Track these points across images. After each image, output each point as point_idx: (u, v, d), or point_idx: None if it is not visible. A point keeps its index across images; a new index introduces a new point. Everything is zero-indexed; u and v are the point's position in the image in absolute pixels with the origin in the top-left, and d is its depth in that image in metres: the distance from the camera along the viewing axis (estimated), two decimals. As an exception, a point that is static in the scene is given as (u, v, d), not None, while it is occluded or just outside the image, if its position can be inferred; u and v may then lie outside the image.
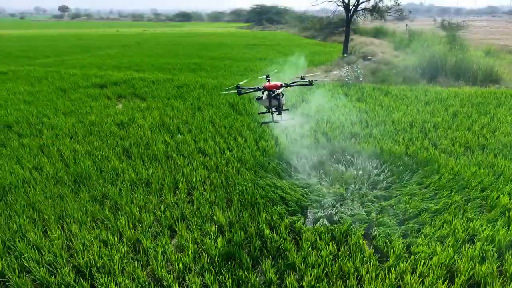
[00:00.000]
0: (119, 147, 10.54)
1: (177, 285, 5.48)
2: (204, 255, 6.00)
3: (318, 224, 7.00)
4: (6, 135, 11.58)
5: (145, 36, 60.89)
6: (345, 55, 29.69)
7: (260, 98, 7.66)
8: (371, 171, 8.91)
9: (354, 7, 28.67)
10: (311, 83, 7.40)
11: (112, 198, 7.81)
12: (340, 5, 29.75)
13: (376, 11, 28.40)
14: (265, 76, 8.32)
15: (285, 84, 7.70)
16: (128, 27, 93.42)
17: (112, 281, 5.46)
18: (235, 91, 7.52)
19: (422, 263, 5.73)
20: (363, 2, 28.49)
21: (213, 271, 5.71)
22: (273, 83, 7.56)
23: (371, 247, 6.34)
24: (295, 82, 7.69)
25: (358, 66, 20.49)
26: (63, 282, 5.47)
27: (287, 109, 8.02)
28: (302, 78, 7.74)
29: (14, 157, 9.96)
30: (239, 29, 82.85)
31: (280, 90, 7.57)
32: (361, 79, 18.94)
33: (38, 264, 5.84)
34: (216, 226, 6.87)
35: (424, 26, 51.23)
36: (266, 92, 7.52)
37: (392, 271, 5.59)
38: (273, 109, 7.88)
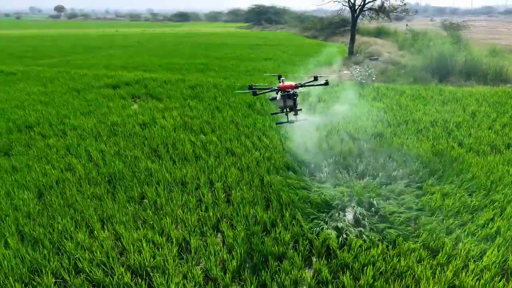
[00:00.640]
0: (147, 147, 10.53)
1: (235, 285, 5.50)
2: (256, 254, 6.02)
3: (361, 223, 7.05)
4: (29, 135, 11.52)
5: (145, 36, 60.72)
6: (351, 55, 29.80)
7: (274, 99, 7.66)
8: (401, 169, 8.98)
9: (360, 7, 28.81)
10: (327, 83, 7.39)
11: (151, 198, 7.81)
12: (345, 5, 29.89)
13: (382, 11, 28.54)
14: (276, 74, 8.31)
15: (299, 84, 7.71)
16: (126, 27, 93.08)
17: (169, 281, 5.47)
18: (249, 91, 7.52)
19: (473, 262, 5.79)
20: (369, 2, 28.64)
21: (267, 270, 5.74)
22: (287, 83, 7.58)
23: (419, 244, 6.38)
24: (309, 82, 7.65)
25: (369, 66, 20.56)
26: (121, 283, 5.47)
27: (300, 109, 7.99)
28: (315, 78, 7.70)
29: (42, 157, 9.92)
30: (238, 29, 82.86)
31: (295, 90, 7.57)
32: (373, 78, 19.02)
33: (91, 265, 5.84)
34: (261, 226, 6.89)
35: (422, 26, 51.61)
36: (280, 93, 7.51)
37: (446, 269, 5.65)
38: (287, 109, 7.87)
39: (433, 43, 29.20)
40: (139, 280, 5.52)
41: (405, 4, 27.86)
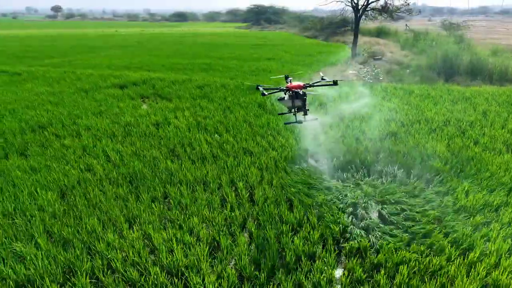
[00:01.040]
0: (164, 147, 10.52)
1: (271, 284, 5.52)
2: (289, 253, 6.04)
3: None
4: (43, 136, 11.48)
5: (145, 36, 60.56)
6: (354, 55, 29.87)
7: (282, 99, 7.63)
8: (419, 168, 9.04)
9: (363, 7, 28.88)
10: (335, 83, 7.33)
11: (175, 198, 7.81)
12: (348, 5, 29.96)
13: (385, 11, 28.62)
14: (283, 76, 8.24)
15: (308, 84, 7.68)
16: (125, 27, 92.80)
17: (204, 280, 5.48)
18: (256, 90, 7.48)
19: (505, 259, 5.84)
20: (372, 2, 28.72)
21: (301, 269, 5.76)
22: (295, 83, 7.52)
23: (447, 243, 6.41)
24: (317, 82, 7.60)
25: (375, 66, 20.64)
26: (157, 282, 5.47)
27: (308, 109, 7.97)
28: (323, 78, 7.67)
29: (60, 158, 9.89)
30: (237, 29, 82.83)
31: (304, 91, 7.53)
32: (381, 78, 19.09)
33: (124, 265, 5.84)
34: (289, 226, 6.91)
35: (421, 26, 51.75)
36: (288, 93, 7.46)
37: (478, 267, 5.69)
38: (296, 109, 7.77)
39: (436, 43, 29.37)
40: (175, 279, 5.51)
41: (408, 4, 27.94)
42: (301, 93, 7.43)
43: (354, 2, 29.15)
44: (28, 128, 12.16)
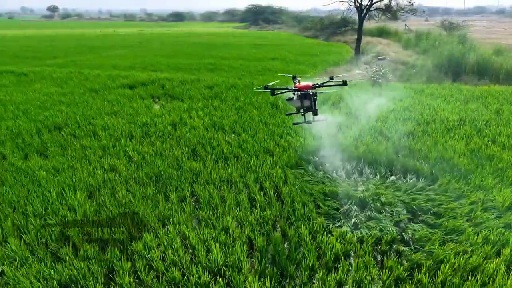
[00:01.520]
0: (184, 147, 10.52)
1: (313, 283, 5.55)
2: (328, 252, 6.07)
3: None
4: (61, 136, 11.44)
5: (145, 36, 60.41)
6: (358, 55, 30.00)
7: (291, 99, 7.57)
8: (442, 166, 9.11)
9: (367, 7, 29.00)
10: (345, 83, 7.29)
11: (204, 198, 7.82)
12: (352, 5, 30.07)
13: (389, 11, 28.76)
14: (290, 75, 8.21)
15: (317, 84, 7.66)
16: (123, 27, 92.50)
17: (250, 279, 5.51)
18: (265, 90, 7.46)
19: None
20: (376, 2, 28.85)
21: (341, 268, 5.80)
22: (304, 83, 7.49)
23: (480, 239, 6.47)
24: (326, 82, 7.55)
25: (382, 66, 20.72)
26: (200, 282, 5.48)
27: (317, 109, 7.90)
28: (331, 78, 7.60)
29: (81, 158, 9.87)
30: (236, 29, 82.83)
31: (314, 91, 7.50)
32: (389, 78, 19.17)
33: (164, 264, 5.84)
34: (319, 225, 6.93)
35: (419, 26, 52.03)
36: (297, 93, 7.40)
37: (516, 264, 5.76)
38: (305, 110, 7.66)
39: (439, 43, 29.54)
40: (218, 279, 5.53)
41: (412, 4, 28.10)
42: (311, 93, 7.39)
43: (357, 2, 29.29)
44: (44, 128, 12.11)
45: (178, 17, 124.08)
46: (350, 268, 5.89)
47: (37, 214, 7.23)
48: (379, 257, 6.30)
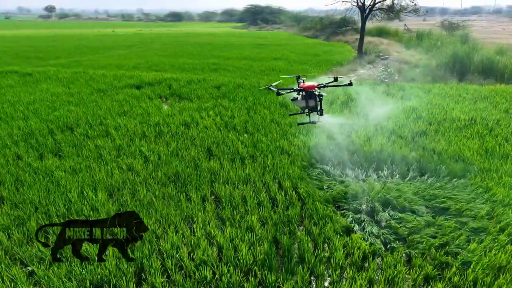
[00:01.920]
0: (199, 147, 10.52)
1: (344, 283, 5.58)
2: (356, 251, 6.10)
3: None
4: (74, 136, 11.41)
5: (144, 36, 60.28)
6: (360, 55, 30.08)
7: (295, 99, 7.56)
8: (458, 165, 9.16)
9: (370, 7, 29.08)
10: (350, 83, 7.34)
11: (225, 197, 7.83)
12: (354, 5, 30.16)
13: (391, 11, 28.85)
14: (295, 76, 8.23)
15: (322, 84, 7.63)
16: (121, 27, 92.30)
17: (282, 277, 5.53)
18: (272, 90, 7.46)
19: None
20: (379, 2, 28.93)
21: (371, 266, 5.83)
22: (308, 83, 7.50)
23: (504, 236, 6.51)
24: (331, 82, 7.52)
25: (388, 65, 20.80)
26: (232, 281, 5.50)
27: (323, 109, 7.76)
28: (336, 79, 7.52)
29: (97, 158, 9.85)
30: (235, 29, 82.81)
31: (319, 91, 7.45)
32: (396, 78, 19.24)
33: (193, 264, 5.85)
34: (339, 225, 6.97)
35: (416, 26, 52.17)
36: (302, 93, 7.40)
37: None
38: (309, 110, 7.67)
39: (441, 43, 29.67)
40: (250, 278, 5.54)
41: (415, 4, 28.21)
42: (316, 93, 7.39)
43: (360, 2, 29.37)
44: (56, 128, 12.08)
45: (176, 17, 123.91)
46: (379, 267, 5.91)
47: (60, 214, 7.22)
48: (404, 255, 6.33)
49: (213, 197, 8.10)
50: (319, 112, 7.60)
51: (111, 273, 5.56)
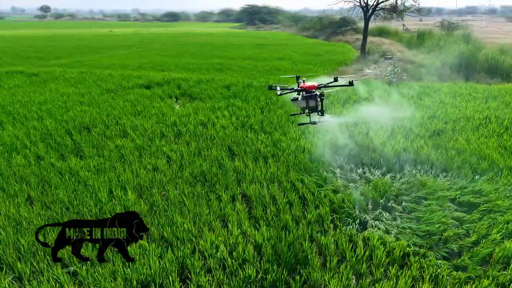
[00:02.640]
0: (220, 146, 10.53)
1: (386, 281, 5.63)
2: (397, 249, 6.14)
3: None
4: (93, 137, 11.35)
5: (143, 36, 60.02)
6: (363, 54, 30.20)
7: (296, 99, 7.51)
8: (482, 163, 9.25)
9: (373, 7, 29.21)
10: (351, 83, 7.25)
11: (255, 197, 7.84)
12: (357, 5, 30.27)
13: (394, 11, 29.00)
14: (294, 76, 8.23)
15: (322, 84, 7.59)
16: (119, 27, 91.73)
17: (327, 276, 5.55)
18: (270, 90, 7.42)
19: None
20: (382, 2, 29.07)
21: (413, 265, 5.87)
22: (309, 83, 7.47)
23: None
24: (332, 82, 7.48)
25: (395, 65, 20.91)
26: (276, 278, 5.52)
27: (324, 109, 7.69)
28: (336, 79, 7.46)
29: (119, 158, 9.82)
30: (233, 29, 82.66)
31: (322, 91, 7.41)
32: (404, 77, 19.35)
33: (235, 262, 5.86)
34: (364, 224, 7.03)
35: (413, 26, 52.47)
36: (302, 93, 7.34)
37: None
38: (309, 110, 7.62)
39: (443, 42, 29.86)
40: (296, 276, 5.56)
41: (418, 4, 28.40)
42: (317, 93, 7.34)
43: (363, 2, 29.49)
44: (72, 129, 12.01)
45: (173, 17, 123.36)
46: (421, 265, 5.94)
47: (93, 214, 7.19)
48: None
49: (242, 196, 8.10)
50: (319, 113, 7.54)
51: (156, 272, 5.55)
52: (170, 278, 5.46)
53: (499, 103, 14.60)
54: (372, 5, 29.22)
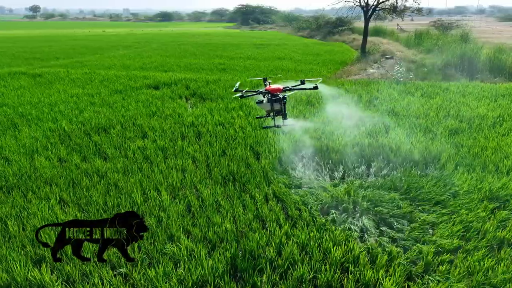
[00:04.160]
0: (244, 146, 10.53)
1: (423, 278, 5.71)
2: (427, 250, 6.23)
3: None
4: (113, 138, 11.25)
5: (138, 36, 59.70)
6: (364, 54, 30.41)
7: (261, 102, 7.54)
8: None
9: (373, 7, 29.43)
10: (316, 87, 7.30)
11: (288, 196, 7.87)
12: (357, 5, 30.48)
13: (394, 11, 29.27)
14: (262, 78, 8.27)
15: (288, 87, 7.63)
16: (111, 27, 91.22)
17: (380, 274, 5.61)
18: (237, 94, 7.43)
19: None
20: (382, 2, 29.30)
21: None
22: (274, 86, 7.49)
23: None
24: (297, 85, 7.50)
25: (401, 64, 21.12)
26: (329, 277, 5.55)
27: (287, 113, 7.79)
28: (302, 82, 7.49)
29: (144, 159, 9.77)
30: (227, 29, 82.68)
31: (286, 94, 7.45)
32: (411, 76, 19.55)
33: (285, 263, 5.89)
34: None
35: (406, 26, 53.10)
36: (267, 96, 7.37)
37: None
38: (274, 113, 7.65)
39: (442, 42, 30.21)
40: (349, 275, 5.61)
41: (418, 3, 28.71)
42: (281, 96, 7.31)
43: (364, 2, 29.71)
44: (90, 130, 11.92)
45: (165, 17, 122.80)
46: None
47: (131, 216, 7.14)
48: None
49: (274, 196, 8.11)
50: (282, 116, 7.56)
51: (209, 273, 5.55)
52: (224, 279, 5.45)
53: (508, 101, 14.83)
54: (372, 5, 29.45)
